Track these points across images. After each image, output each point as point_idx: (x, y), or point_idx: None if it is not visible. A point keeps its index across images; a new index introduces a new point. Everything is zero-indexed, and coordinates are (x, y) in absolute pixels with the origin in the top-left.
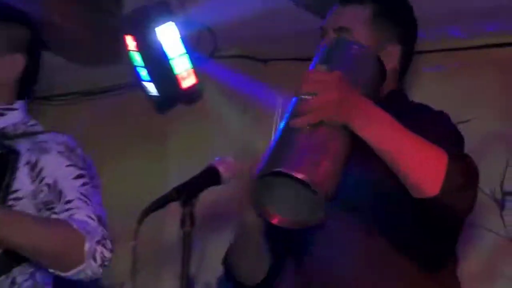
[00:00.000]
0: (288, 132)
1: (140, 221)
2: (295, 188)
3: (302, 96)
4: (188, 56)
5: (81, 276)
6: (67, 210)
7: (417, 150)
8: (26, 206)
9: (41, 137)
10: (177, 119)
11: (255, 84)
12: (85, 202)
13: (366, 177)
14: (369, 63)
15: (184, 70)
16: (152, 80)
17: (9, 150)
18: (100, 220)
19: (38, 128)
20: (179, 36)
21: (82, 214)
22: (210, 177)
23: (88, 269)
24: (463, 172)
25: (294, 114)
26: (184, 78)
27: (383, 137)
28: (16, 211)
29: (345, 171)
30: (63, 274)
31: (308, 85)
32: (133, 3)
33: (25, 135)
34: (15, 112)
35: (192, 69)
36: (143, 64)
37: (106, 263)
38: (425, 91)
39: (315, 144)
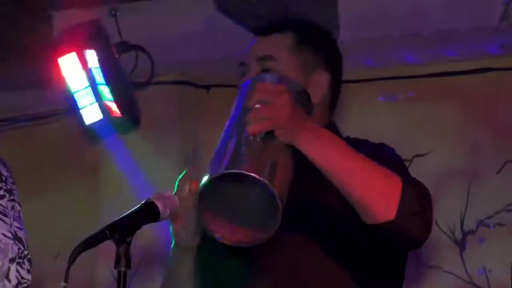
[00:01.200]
0: (238, 141)
1: (72, 260)
2: (246, 196)
3: (254, 105)
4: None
5: None
6: None
7: (369, 173)
8: None
9: None
10: (111, 150)
11: (195, 113)
12: (1, 218)
13: (313, 198)
14: (300, 94)
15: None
16: (115, 99)
17: None
18: (16, 237)
19: None
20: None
21: None
22: (147, 213)
23: None
24: (419, 195)
25: (244, 122)
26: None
27: (332, 158)
28: None
29: (291, 191)
30: None
31: (261, 93)
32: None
33: None
34: None
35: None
36: (103, 83)
37: (24, 284)
38: (380, 121)
39: (268, 154)
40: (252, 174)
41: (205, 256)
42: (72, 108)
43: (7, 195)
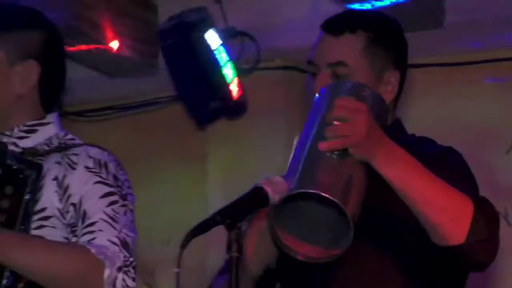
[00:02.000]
0: (314, 156)
1: (184, 245)
2: (319, 212)
3: (333, 121)
4: (232, 65)
5: None
6: (88, 233)
7: (441, 196)
8: (57, 225)
9: (73, 150)
10: (219, 136)
11: (302, 98)
12: (110, 224)
13: (384, 211)
14: (377, 105)
15: (230, 79)
16: (198, 90)
17: (27, 165)
18: (124, 244)
19: (74, 141)
20: (221, 43)
21: (103, 238)
22: (257, 198)
23: None
24: (489, 221)
25: (321, 137)
26: (233, 89)
27: (406, 179)
28: (22, 234)
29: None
30: None
31: (341, 110)
32: (167, 11)
33: (58, 149)
34: (47, 127)
35: (237, 78)
36: (190, 73)
37: None
38: (486, 103)
39: (343, 172)
40: (327, 196)
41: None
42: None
43: (121, 201)
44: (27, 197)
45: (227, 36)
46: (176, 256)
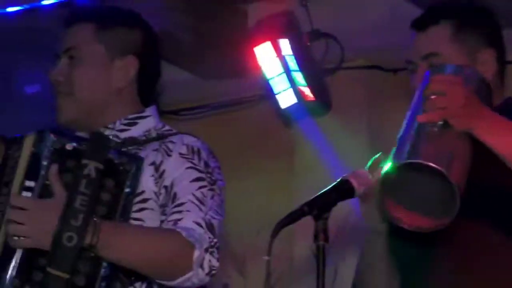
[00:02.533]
0: (417, 130)
1: (274, 235)
2: (425, 184)
3: (430, 96)
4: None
5: (187, 284)
6: (176, 212)
7: None
8: (154, 207)
9: (169, 138)
10: (305, 132)
11: (383, 95)
12: (197, 206)
13: (490, 183)
14: (476, 80)
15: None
16: (308, 84)
17: (131, 158)
18: (209, 226)
19: (171, 131)
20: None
21: (189, 219)
22: (343, 190)
23: (195, 278)
24: None
25: (421, 112)
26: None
27: (508, 145)
28: (120, 224)
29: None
30: (169, 283)
31: (437, 85)
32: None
33: (156, 138)
34: (146, 120)
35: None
36: (297, 69)
37: (213, 271)
38: None
39: (445, 143)
40: (431, 164)
41: (391, 239)
42: (268, 93)
43: (209, 185)
44: (127, 190)
45: (313, 38)
46: (265, 246)
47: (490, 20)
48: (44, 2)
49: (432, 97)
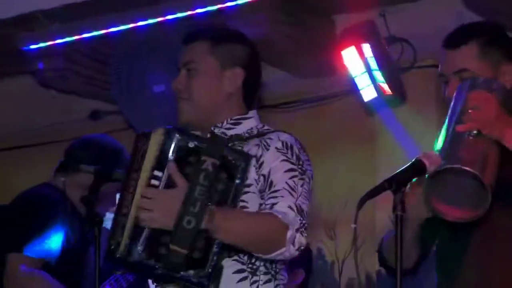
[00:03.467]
0: (456, 138)
1: (359, 207)
2: (463, 185)
3: (468, 110)
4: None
5: (279, 257)
6: (272, 197)
7: None
8: (255, 192)
9: (268, 135)
10: (384, 122)
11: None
12: (290, 193)
13: None
14: (503, 93)
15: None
16: (387, 81)
17: (242, 156)
18: (299, 210)
19: (269, 130)
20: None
21: (284, 204)
22: (416, 168)
23: (287, 252)
24: None
25: (460, 122)
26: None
27: None
28: (230, 210)
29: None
30: (265, 256)
31: (473, 101)
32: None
33: (257, 135)
34: (249, 120)
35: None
36: (377, 69)
37: (302, 247)
38: None
39: (479, 149)
40: (468, 169)
41: (434, 229)
42: (352, 89)
43: (300, 175)
44: (237, 181)
45: (390, 42)
46: (352, 215)
47: (509, 37)
48: (168, 17)
49: (470, 111)
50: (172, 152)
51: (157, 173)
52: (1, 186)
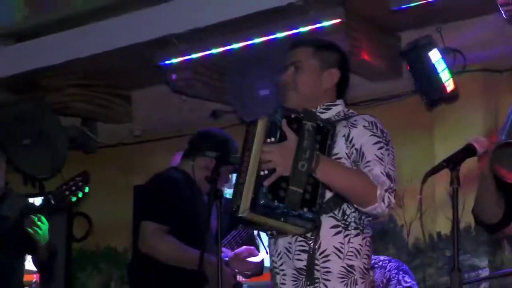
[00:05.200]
0: None
1: (424, 181)
2: None
3: None
4: (448, 70)
5: (373, 212)
6: (367, 167)
7: None
8: (345, 162)
9: (353, 118)
10: (441, 115)
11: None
12: (380, 162)
13: None
14: None
15: (446, 80)
16: (426, 86)
17: (329, 123)
18: (388, 175)
19: (353, 113)
20: (441, 57)
21: (376, 170)
22: (468, 150)
23: (378, 208)
24: None
25: None
26: (448, 85)
27: None
28: (335, 161)
29: None
30: (362, 209)
31: None
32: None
33: (344, 118)
34: (337, 106)
35: (452, 79)
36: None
37: (391, 205)
38: None
39: None
40: None
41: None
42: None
43: (385, 147)
44: (329, 142)
45: (445, 52)
46: (418, 188)
47: None
48: (270, 37)
49: None
50: (279, 121)
51: (269, 140)
52: (142, 170)
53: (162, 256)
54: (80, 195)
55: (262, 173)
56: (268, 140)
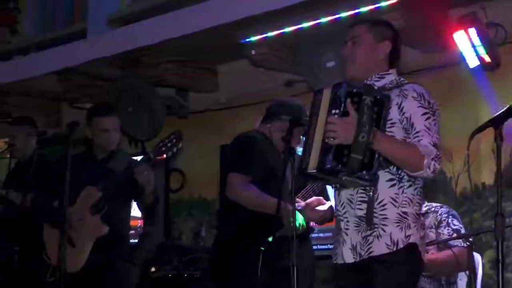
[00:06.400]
0: None
1: (471, 138)
2: None
3: None
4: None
5: (421, 176)
6: (416, 136)
7: None
8: (398, 127)
9: (405, 87)
10: (484, 83)
11: None
12: (428, 132)
13: None
14: None
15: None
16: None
17: (385, 96)
18: (435, 144)
19: (404, 81)
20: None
21: (425, 140)
22: (510, 111)
23: (424, 174)
24: None
25: None
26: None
27: None
28: (388, 135)
29: None
30: (411, 174)
31: None
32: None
33: (396, 86)
34: (390, 75)
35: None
36: (479, 44)
37: (436, 171)
38: None
39: None
40: None
41: None
42: (461, 60)
43: (432, 117)
44: (384, 112)
45: (488, 26)
46: (465, 144)
47: None
48: (335, 16)
49: None
50: (343, 95)
51: (334, 111)
52: (227, 132)
53: (246, 202)
54: (174, 150)
55: (327, 140)
56: (333, 111)
